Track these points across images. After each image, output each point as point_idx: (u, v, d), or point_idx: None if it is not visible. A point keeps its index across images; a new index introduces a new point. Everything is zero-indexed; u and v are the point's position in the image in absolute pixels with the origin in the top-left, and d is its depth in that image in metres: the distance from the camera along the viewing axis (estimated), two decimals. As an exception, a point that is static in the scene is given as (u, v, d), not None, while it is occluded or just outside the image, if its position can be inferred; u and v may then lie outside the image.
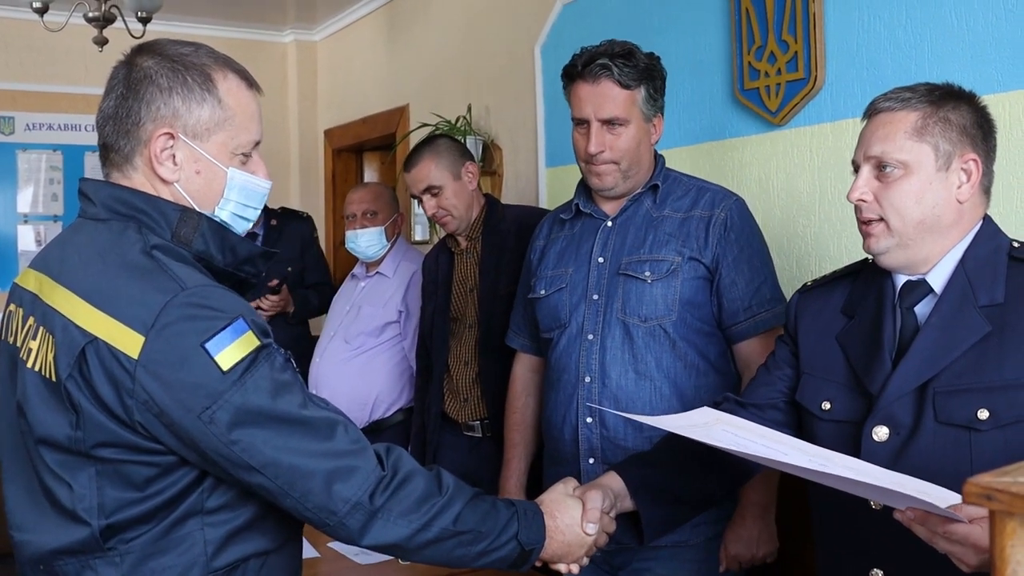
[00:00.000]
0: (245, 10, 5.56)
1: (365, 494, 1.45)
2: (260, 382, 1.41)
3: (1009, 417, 1.51)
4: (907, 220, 1.61)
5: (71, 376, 1.40)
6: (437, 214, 3.08)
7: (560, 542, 1.70)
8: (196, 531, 1.46)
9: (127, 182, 1.53)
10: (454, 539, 1.54)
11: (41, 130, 5.57)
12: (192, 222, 1.51)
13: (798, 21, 2.70)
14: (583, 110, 2.28)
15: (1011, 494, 0.79)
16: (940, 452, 1.54)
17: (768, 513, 2.29)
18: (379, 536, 1.48)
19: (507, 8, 4.16)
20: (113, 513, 1.43)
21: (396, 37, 5.14)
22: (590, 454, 2.27)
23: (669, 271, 2.24)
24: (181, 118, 1.50)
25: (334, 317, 3.74)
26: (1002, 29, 2.26)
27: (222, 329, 1.39)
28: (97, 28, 4.30)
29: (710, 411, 1.76)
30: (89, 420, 1.40)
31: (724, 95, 2.99)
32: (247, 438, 1.40)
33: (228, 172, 1.54)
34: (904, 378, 1.59)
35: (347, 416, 1.52)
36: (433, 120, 4.39)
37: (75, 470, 1.44)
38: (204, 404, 1.38)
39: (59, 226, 5.62)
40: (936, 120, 1.61)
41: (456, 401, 3.09)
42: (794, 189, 2.79)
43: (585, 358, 2.28)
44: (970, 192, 1.62)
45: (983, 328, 1.55)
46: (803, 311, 1.84)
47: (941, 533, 1.35)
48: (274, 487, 1.42)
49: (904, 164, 1.61)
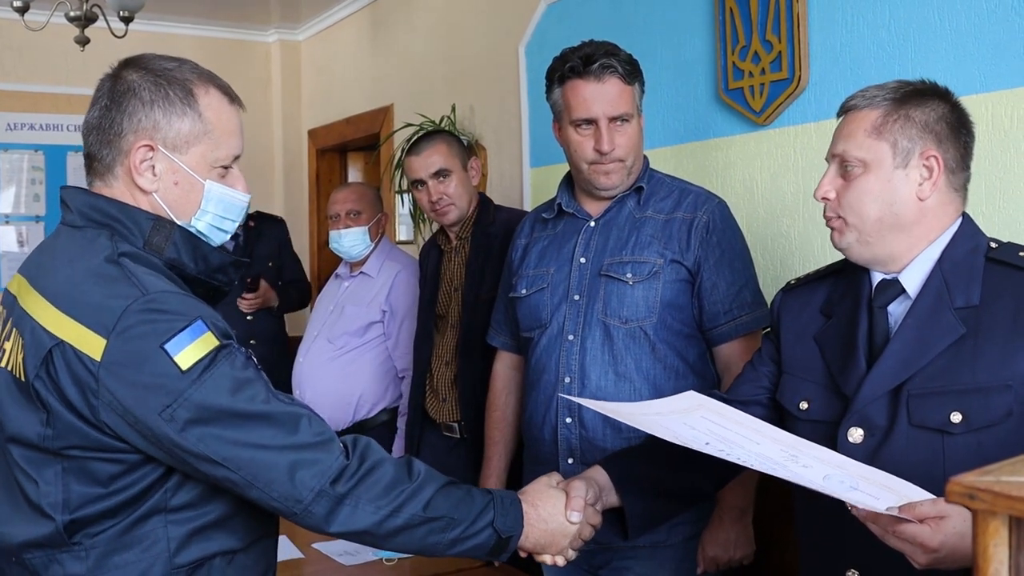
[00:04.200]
0: (229, 10, 5.54)
1: (327, 481, 1.48)
2: (220, 380, 1.45)
3: (982, 421, 1.50)
4: (865, 218, 1.62)
5: (39, 376, 1.45)
6: (441, 201, 3.05)
7: (542, 531, 1.70)
8: (159, 528, 1.49)
9: (108, 191, 1.58)
10: (425, 526, 1.56)
11: (23, 130, 5.54)
12: (164, 231, 1.56)
13: (782, 21, 2.70)
14: (590, 109, 2.24)
15: (994, 493, 0.78)
16: (914, 455, 1.54)
17: (746, 516, 2.29)
18: (347, 523, 1.51)
19: (491, 8, 4.15)
20: (77, 508, 1.47)
21: (380, 37, 5.13)
22: (569, 454, 2.27)
23: (651, 273, 2.23)
24: (161, 130, 1.55)
25: (318, 317, 3.73)
26: (985, 29, 2.27)
27: (181, 330, 1.44)
28: (79, 27, 4.27)
29: (695, 396, 1.76)
30: (58, 419, 1.45)
31: (708, 95, 2.99)
32: (207, 434, 1.43)
33: (205, 184, 1.59)
34: (878, 380, 1.59)
35: (312, 410, 1.55)
36: (417, 120, 4.38)
37: (41, 467, 1.48)
38: (164, 402, 1.42)
39: (41, 227, 5.58)
40: (896, 117, 1.61)
41: (436, 400, 3.09)
42: (778, 189, 2.79)
43: (565, 359, 2.27)
44: (931, 190, 1.61)
45: (957, 330, 1.55)
46: (785, 310, 1.84)
47: (891, 532, 1.37)
48: (238, 479, 1.46)
49: (863, 162, 1.62)
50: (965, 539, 1.31)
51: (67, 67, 5.31)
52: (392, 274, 3.54)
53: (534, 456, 2.39)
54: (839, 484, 1.44)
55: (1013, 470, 0.84)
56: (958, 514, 1.32)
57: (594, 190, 2.33)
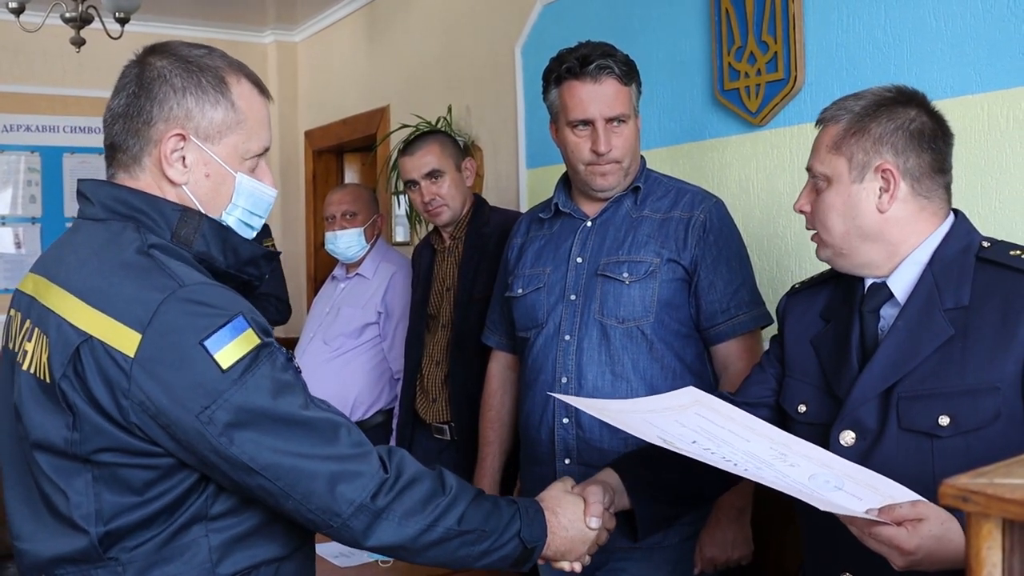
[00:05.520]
0: (225, 10, 5.53)
1: (368, 495, 1.42)
2: (261, 381, 1.37)
3: (971, 424, 1.49)
4: (832, 232, 1.64)
5: (65, 376, 1.36)
6: (434, 202, 3.05)
7: (563, 538, 1.68)
8: (200, 537, 1.42)
9: (134, 183, 1.50)
10: (458, 539, 1.52)
11: (19, 131, 5.53)
12: (192, 223, 1.48)
13: (778, 21, 2.70)
14: (587, 110, 2.24)
15: (987, 496, 0.77)
16: (903, 458, 1.53)
17: (743, 516, 2.29)
18: (384, 537, 1.46)
19: (487, 9, 4.15)
20: (112, 519, 1.39)
21: (376, 38, 5.13)
22: (566, 454, 2.26)
23: (647, 272, 2.23)
24: (194, 119, 1.48)
25: (314, 318, 3.72)
26: (981, 29, 2.26)
27: (221, 327, 1.36)
28: (74, 29, 4.26)
29: (694, 392, 1.75)
30: (85, 421, 1.36)
31: (704, 96, 2.99)
32: (247, 439, 1.36)
33: (237, 177, 1.52)
34: (868, 382, 1.59)
35: (348, 418, 1.49)
36: (413, 121, 4.38)
37: (71, 476, 1.40)
38: (203, 404, 1.34)
39: (37, 228, 5.57)
40: (854, 131, 1.62)
41: (426, 400, 3.09)
42: (774, 190, 2.78)
43: (562, 359, 2.27)
44: (890, 201, 1.60)
45: (946, 332, 1.54)
46: (789, 313, 1.84)
47: (867, 533, 1.37)
48: (275, 489, 1.39)
49: (825, 177, 1.65)
50: (942, 542, 1.32)
51: (63, 68, 5.30)
52: (388, 275, 3.54)
53: (531, 456, 2.39)
54: (824, 484, 1.44)
55: (1007, 472, 0.83)
56: (935, 517, 1.33)
57: (591, 191, 2.32)
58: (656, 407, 1.71)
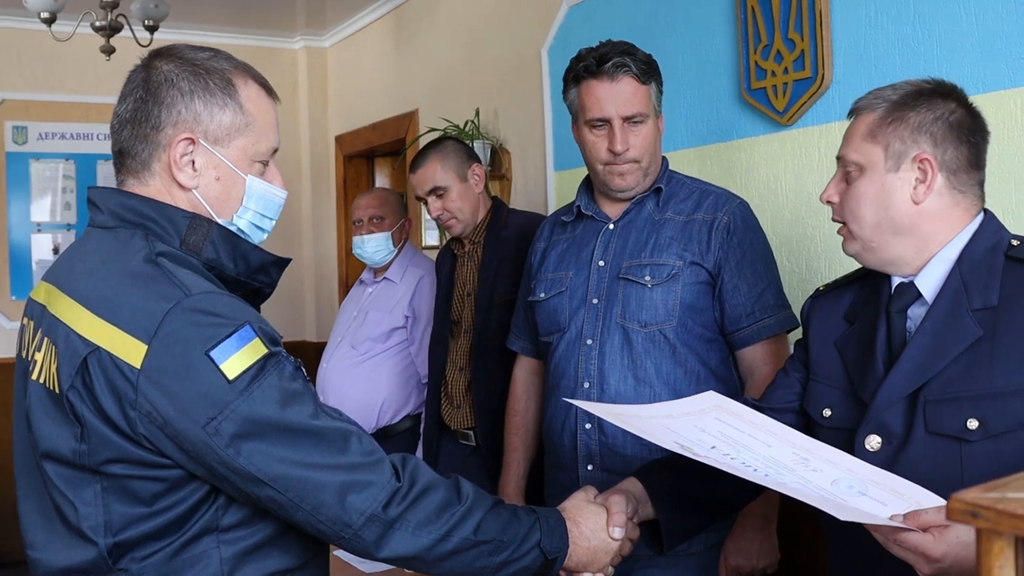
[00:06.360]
0: (254, 17, 5.55)
1: (379, 505, 1.40)
2: (268, 391, 1.35)
3: (1000, 427, 1.45)
4: (862, 223, 1.60)
5: (72, 387, 1.36)
6: (442, 216, 3.05)
7: (585, 549, 1.64)
8: (212, 549, 1.40)
9: (143, 189, 1.49)
10: (475, 549, 1.48)
11: (54, 139, 5.59)
12: (202, 230, 1.46)
13: (804, 19, 2.65)
14: (604, 110, 2.22)
15: (997, 511, 0.72)
16: (931, 463, 1.49)
17: (769, 524, 2.25)
18: (397, 548, 1.43)
19: (513, 11, 4.12)
20: (121, 530, 1.38)
21: (404, 42, 5.12)
22: (588, 460, 2.24)
23: (670, 275, 2.19)
24: (202, 122, 1.47)
25: (341, 323, 3.72)
26: (1012, 23, 2.21)
27: (228, 336, 1.34)
28: (104, 37, 4.29)
29: (715, 396, 1.71)
30: (93, 433, 1.35)
31: (731, 95, 2.95)
32: (255, 450, 1.34)
33: (247, 180, 1.51)
34: (894, 385, 1.54)
35: (360, 426, 1.46)
36: (441, 125, 4.36)
37: (79, 487, 1.39)
38: (209, 415, 1.32)
39: (72, 235, 5.63)
40: (891, 119, 1.58)
41: (451, 406, 3.07)
42: (803, 190, 2.74)
43: (584, 363, 2.24)
44: (926, 193, 1.56)
45: (974, 333, 1.50)
46: (813, 316, 1.80)
47: (892, 540, 1.33)
48: (285, 500, 1.37)
49: (859, 165, 1.60)
50: (970, 549, 1.26)
51: (96, 77, 5.34)
52: (415, 279, 3.53)
53: (554, 463, 2.36)
54: (848, 489, 1.40)
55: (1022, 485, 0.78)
56: None
57: (609, 191, 2.30)
58: (675, 412, 1.67)
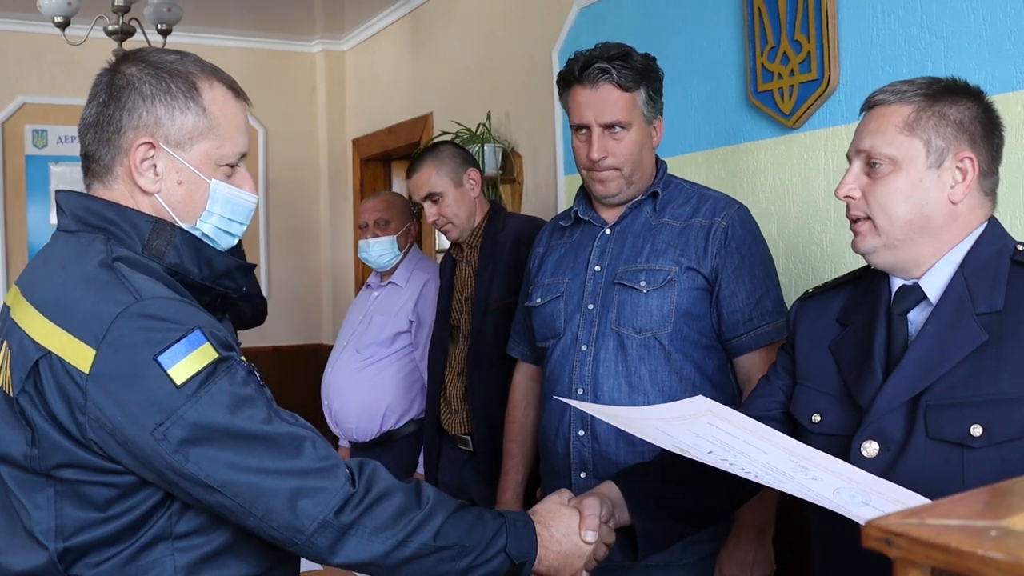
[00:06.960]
0: (272, 20, 5.54)
1: (332, 511, 1.37)
2: (217, 397, 1.34)
3: (1005, 434, 1.41)
4: (894, 219, 1.53)
5: (24, 391, 1.35)
6: (438, 222, 3.04)
7: (556, 552, 1.61)
8: (166, 557, 1.39)
9: (108, 193, 1.48)
10: (436, 555, 1.46)
11: (73, 143, 5.60)
12: (165, 234, 1.45)
13: (811, 20, 2.60)
14: (583, 116, 2.20)
15: (911, 539, 0.66)
16: (931, 470, 1.45)
17: (765, 535, 2.20)
18: (352, 554, 1.40)
19: (525, 14, 4.10)
20: (73, 535, 1.36)
21: (420, 45, 5.11)
22: (581, 468, 2.20)
23: (665, 281, 2.16)
24: (163, 126, 1.45)
25: (347, 326, 3.70)
26: (1021, 24, 2.16)
27: (176, 341, 1.33)
28: (117, 41, 4.29)
29: (704, 401, 1.68)
30: (44, 437, 1.35)
31: (738, 98, 2.90)
32: (203, 456, 1.32)
33: (211, 184, 1.49)
34: (895, 390, 1.50)
35: (317, 431, 1.44)
36: (454, 128, 4.34)
37: (32, 490, 1.38)
38: (156, 420, 1.31)
39: (90, 238, 5.65)
40: (931, 115, 1.52)
41: (449, 411, 3.05)
42: (809, 194, 2.69)
43: (578, 369, 2.21)
44: (964, 192, 1.52)
45: (979, 337, 1.45)
46: (801, 319, 1.76)
47: None
48: (235, 506, 1.35)
49: (893, 160, 1.53)
50: None
51: (112, 80, 5.36)
52: (420, 284, 3.50)
53: (549, 470, 2.34)
54: (850, 499, 1.35)
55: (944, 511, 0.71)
56: None
57: (594, 197, 2.27)
58: (666, 415, 1.64)
